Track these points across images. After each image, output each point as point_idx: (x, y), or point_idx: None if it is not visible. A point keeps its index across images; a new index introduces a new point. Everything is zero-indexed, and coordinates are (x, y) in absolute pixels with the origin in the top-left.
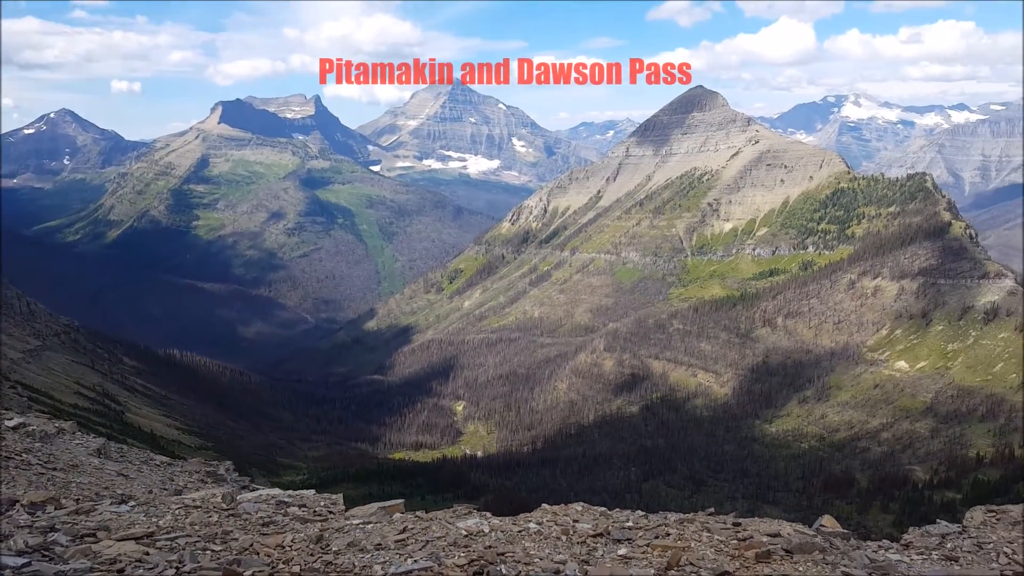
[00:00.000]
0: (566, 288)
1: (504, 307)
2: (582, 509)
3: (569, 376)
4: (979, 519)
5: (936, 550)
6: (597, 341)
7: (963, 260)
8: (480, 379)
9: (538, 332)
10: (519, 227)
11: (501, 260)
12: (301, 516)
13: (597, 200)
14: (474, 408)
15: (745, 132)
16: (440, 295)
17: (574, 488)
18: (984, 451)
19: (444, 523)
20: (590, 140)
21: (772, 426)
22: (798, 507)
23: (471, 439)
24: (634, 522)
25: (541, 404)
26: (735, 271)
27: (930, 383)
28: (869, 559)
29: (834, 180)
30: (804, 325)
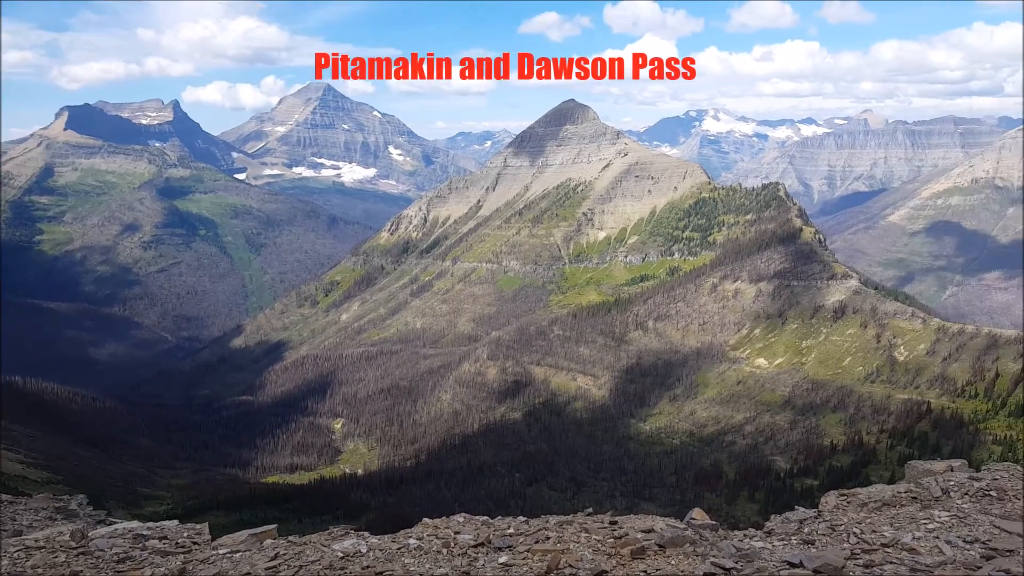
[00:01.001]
0: (448, 298)
1: (384, 319)
2: (463, 520)
3: (453, 386)
4: (833, 503)
5: (795, 535)
6: (480, 350)
7: (813, 263)
8: (360, 394)
9: (420, 343)
10: (398, 237)
11: (380, 271)
12: (162, 549)
13: (477, 209)
14: (354, 425)
15: (615, 145)
16: (315, 309)
17: (459, 499)
18: (837, 439)
19: (319, 546)
20: (468, 150)
21: (646, 424)
22: (672, 501)
23: (351, 457)
24: (515, 529)
25: (424, 416)
26: (610, 277)
27: (787, 378)
28: (735, 548)
29: (696, 190)
30: (673, 327)
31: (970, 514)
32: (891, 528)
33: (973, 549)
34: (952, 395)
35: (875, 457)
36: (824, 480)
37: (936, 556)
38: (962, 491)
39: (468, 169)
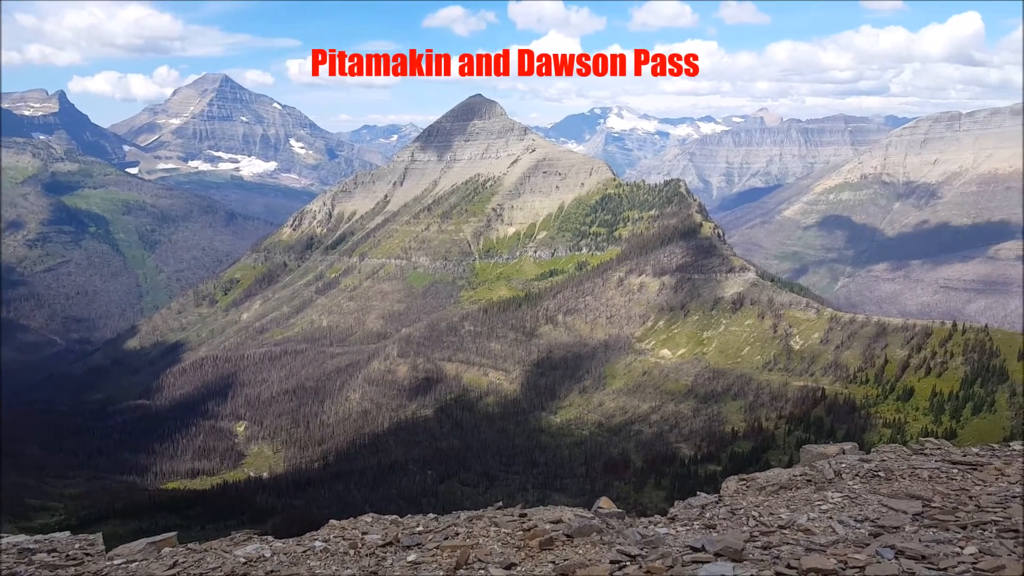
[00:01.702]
0: (356, 295)
1: (288, 317)
2: (371, 520)
3: (362, 385)
4: (733, 487)
5: (697, 520)
6: (390, 347)
7: (713, 257)
8: (263, 396)
9: (327, 342)
10: (302, 233)
11: (283, 268)
12: (51, 563)
13: (385, 205)
14: (257, 427)
15: (523, 141)
16: (214, 308)
17: (369, 499)
18: (737, 426)
19: (220, 553)
20: (374, 144)
21: (557, 416)
22: (583, 491)
23: (255, 460)
24: (424, 526)
25: (332, 417)
26: (520, 272)
27: (690, 368)
28: (641, 535)
29: (602, 186)
30: (581, 321)
31: (860, 494)
32: (787, 510)
33: (863, 527)
34: (845, 381)
35: (774, 442)
36: (726, 465)
37: (829, 535)
38: (853, 473)
39: (374, 163)
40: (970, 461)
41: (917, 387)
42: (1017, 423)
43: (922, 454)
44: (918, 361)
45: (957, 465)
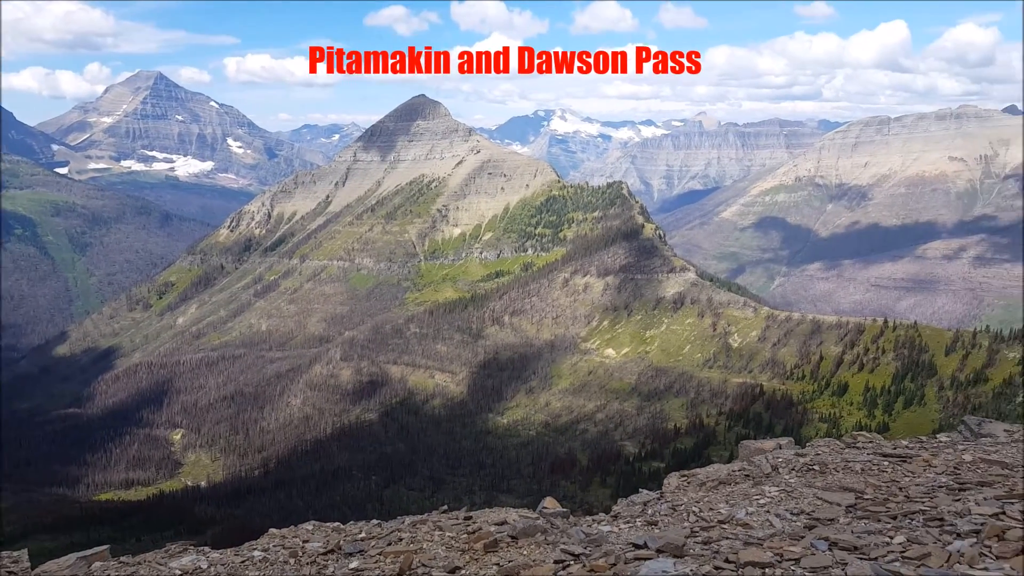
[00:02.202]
0: (297, 298)
1: (226, 322)
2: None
3: (303, 390)
4: (675, 484)
5: (640, 517)
6: (333, 351)
7: (655, 257)
8: (201, 403)
9: (267, 346)
10: (240, 234)
11: (220, 271)
12: None
13: (326, 205)
14: (195, 435)
15: (467, 142)
16: (148, 312)
17: (312, 507)
18: (680, 422)
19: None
20: (315, 143)
21: (504, 418)
22: (530, 492)
23: (193, 469)
24: (367, 532)
25: (273, 423)
26: (465, 274)
27: (634, 366)
28: (584, 533)
29: (547, 188)
30: (528, 321)
31: (796, 488)
32: (727, 505)
33: (799, 520)
34: (782, 377)
35: (715, 438)
36: (670, 462)
37: (767, 529)
38: (789, 467)
39: (315, 163)
40: (900, 453)
41: (851, 382)
42: (945, 416)
43: (854, 448)
44: (852, 357)
45: (888, 458)
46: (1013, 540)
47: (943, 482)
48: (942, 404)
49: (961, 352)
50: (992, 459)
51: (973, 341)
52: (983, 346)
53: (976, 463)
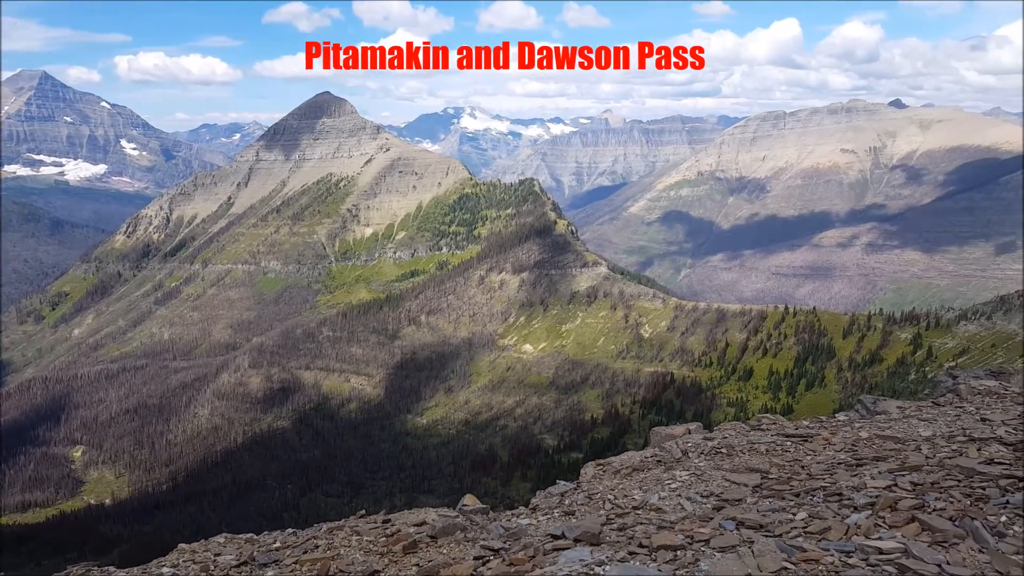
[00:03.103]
0: (200, 304)
1: (125, 332)
2: (224, 540)
3: (211, 400)
4: (591, 473)
5: (557, 508)
6: (241, 358)
7: (568, 253)
8: (101, 417)
9: (170, 356)
10: (137, 240)
11: (117, 279)
12: None
13: (229, 207)
14: (96, 451)
15: (376, 140)
16: (40, 325)
17: (226, 519)
18: (596, 413)
19: None
20: (215, 143)
21: (423, 418)
22: (451, 491)
23: (96, 487)
24: (282, 542)
25: (180, 435)
26: (379, 274)
27: (551, 360)
28: (504, 528)
29: (460, 186)
30: (445, 320)
31: (706, 471)
32: (640, 491)
33: (708, 502)
34: (691, 365)
35: (630, 426)
36: (588, 452)
37: (679, 512)
38: (698, 451)
39: (215, 164)
40: (801, 433)
41: (756, 367)
42: (845, 395)
43: (759, 430)
44: (756, 343)
45: (790, 438)
46: (904, 510)
47: (842, 459)
48: (841, 385)
49: (857, 335)
50: (886, 435)
51: (868, 324)
52: (877, 328)
53: (872, 439)
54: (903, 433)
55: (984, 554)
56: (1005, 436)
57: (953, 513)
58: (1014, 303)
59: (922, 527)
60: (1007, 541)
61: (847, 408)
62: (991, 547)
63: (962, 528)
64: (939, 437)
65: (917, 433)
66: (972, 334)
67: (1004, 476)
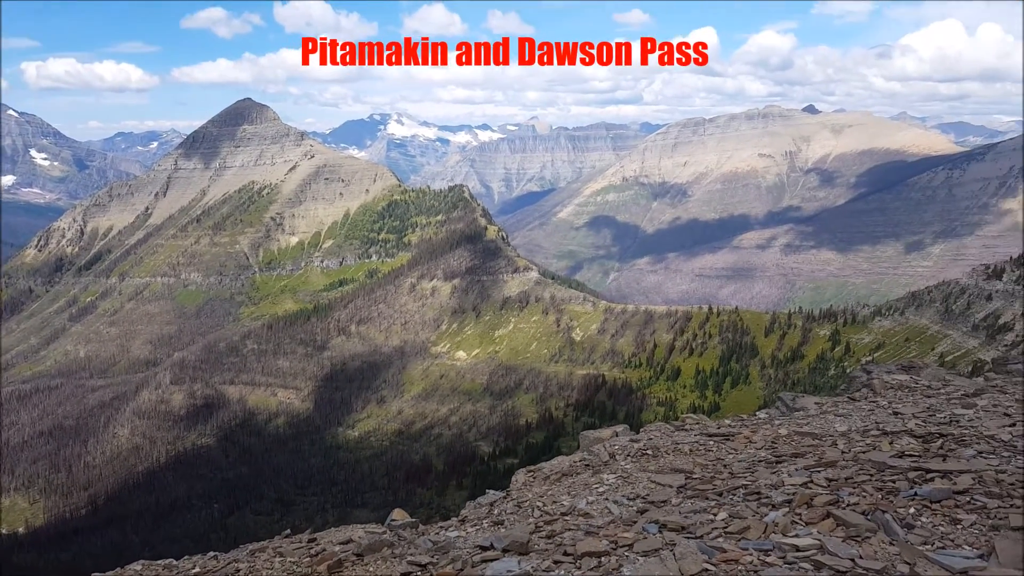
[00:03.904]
0: (117, 319)
1: (38, 350)
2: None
3: (131, 419)
4: (522, 480)
5: (487, 518)
6: (162, 375)
7: (499, 258)
8: (13, 441)
9: (86, 374)
10: (50, 254)
11: (28, 294)
12: None
13: (146, 218)
14: (8, 477)
15: (300, 146)
16: None
17: (149, 543)
18: (531, 418)
19: None
20: (131, 152)
21: (355, 430)
22: (385, 503)
23: (8, 515)
24: (202, 567)
25: (99, 457)
26: (306, 284)
27: (484, 367)
28: (432, 542)
29: (388, 193)
30: (376, 329)
31: (632, 473)
32: (569, 497)
33: (634, 505)
34: (622, 366)
35: (564, 429)
36: (523, 457)
37: (605, 516)
38: (625, 453)
39: (132, 173)
40: (723, 432)
41: (683, 366)
42: (768, 392)
43: (683, 430)
44: (682, 343)
45: (713, 437)
46: (819, 506)
47: (762, 456)
48: (765, 382)
49: (779, 332)
50: (804, 431)
51: (788, 322)
52: (797, 326)
53: (790, 436)
54: (820, 429)
55: (894, 546)
56: (915, 429)
57: (865, 507)
58: (925, 298)
59: (836, 522)
60: (915, 532)
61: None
62: (900, 539)
63: (874, 521)
64: (854, 432)
65: (833, 428)
66: (887, 329)
67: (913, 469)
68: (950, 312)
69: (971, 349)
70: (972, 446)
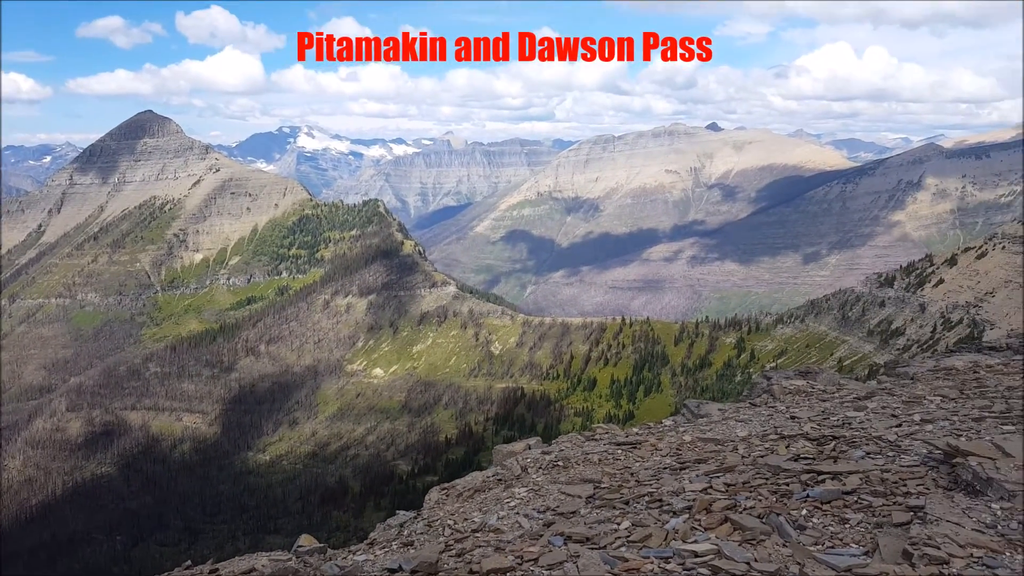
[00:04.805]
0: (8, 344)
1: None
2: None
3: (23, 449)
4: (435, 498)
5: (396, 540)
6: (57, 401)
7: (416, 273)
8: None
9: None
10: None
11: None
12: None
13: (39, 236)
14: None
15: (205, 160)
16: None
17: None
18: (451, 433)
19: None
20: (22, 167)
21: (266, 454)
22: (300, 528)
23: None
24: None
25: None
26: (212, 303)
27: (402, 383)
28: (339, 567)
29: (299, 207)
30: (287, 348)
31: (543, 486)
32: (480, 513)
33: (544, 517)
34: (540, 379)
35: (484, 444)
36: (443, 474)
37: (516, 531)
38: (537, 466)
39: (23, 189)
40: (631, 440)
41: (599, 376)
42: (679, 399)
43: (593, 440)
44: (598, 354)
45: (621, 446)
46: (717, 511)
47: (667, 463)
48: (676, 389)
49: (687, 341)
50: (707, 437)
51: (696, 331)
52: (705, 335)
53: (694, 442)
54: (723, 435)
55: (787, 547)
56: (810, 432)
57: (761, 511)
58: (823, 306)
59: (734, 527)
60: (807, 533)
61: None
62: (793, 540)
63: (768, 524)
64: (754, 436)
65: (735, 434)
66: (788, 336)
67: (806, 471)
68: (846, 319)
69: (867, 353)
70: (861, 447)
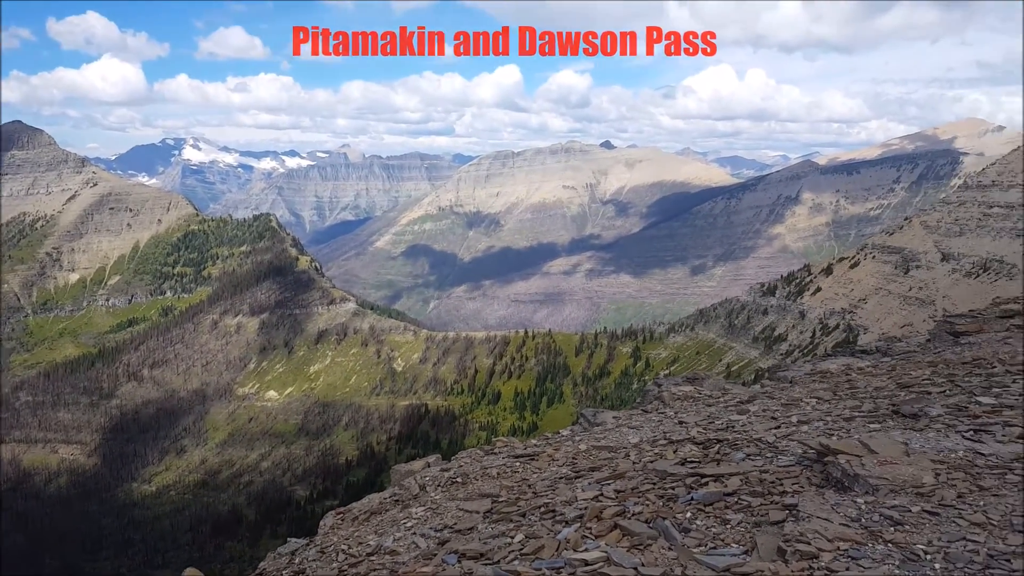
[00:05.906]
0: None
1: None
2: None
3: None
4: (330, 523)
5: (287, 569)
6: None
7: (312, 290)
8: None
9: None
10: None
11: None
12: None
13: None
14: None
15: (81, 174)
16: None
17: None
18: (351, 455)
19: None
20: None
21: (152, 485)
22: (191, 561)
23: None
24: None
25: None
26: (89, 326)
27: (299, 405)
28: None
29: (184, 223)
30: (173, 372)
31: (441, 503)
32: (376, 536)
33: (440, 535)
34: (444, 394)
35: (387, 464)
36: (343, 498)
37: (412, 552)
38: (436, 484)
39: None
40: (529, 453)
41: (503, 389)
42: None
43: (492, 453)
44: (501, 367)
45: (520, 458)
46: (608, 518)
47: (563, 473)
48: (577, 399)
49: (587, 352)
50: (601, 445)
51: (595, 341)
52: (603, 345)
53: (589, 451)
54: (616, 442)
55: (672, 551)
56: (697, 436)
57: (648, 515)
58: (711, 315)
59: (623, 533)
60: (691, 535)
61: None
62: (678, 543)
63: (655, 529)
64: (644, 442)
65: (627, 440)
66: (680, 344)
67: (691, 475)
68: (733, 326)
69: (753, 359)
70: (742, 449)
